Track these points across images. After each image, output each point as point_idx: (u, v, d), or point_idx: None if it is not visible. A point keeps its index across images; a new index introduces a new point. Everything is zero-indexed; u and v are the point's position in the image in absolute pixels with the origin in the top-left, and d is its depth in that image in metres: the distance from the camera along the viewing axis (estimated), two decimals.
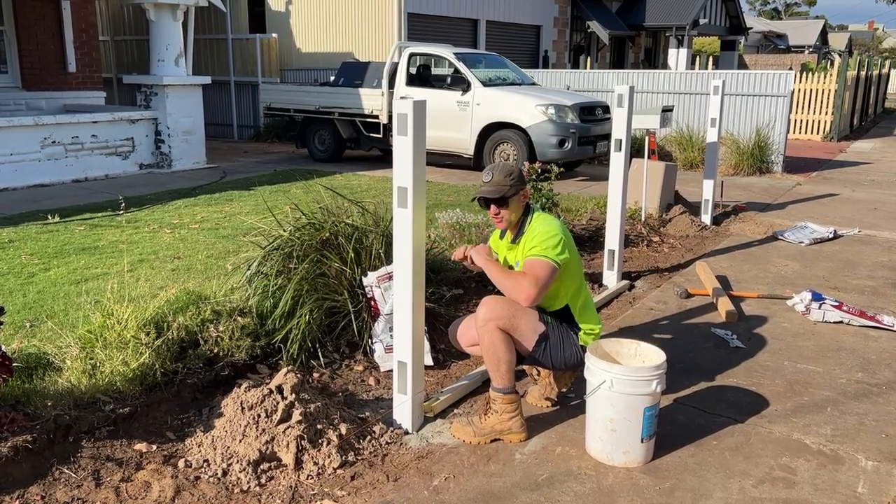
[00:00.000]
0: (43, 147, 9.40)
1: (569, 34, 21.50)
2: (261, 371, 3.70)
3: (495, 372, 3.21)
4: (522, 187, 3.28)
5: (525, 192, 3.30)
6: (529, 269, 3.12)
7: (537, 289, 3.06)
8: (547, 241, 3.13)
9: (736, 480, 2.92)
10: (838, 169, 12.01)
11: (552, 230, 3.18)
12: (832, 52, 41.51)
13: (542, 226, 3.21)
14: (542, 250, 3.12)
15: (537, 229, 3.20)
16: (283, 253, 4.08)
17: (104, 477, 2.84)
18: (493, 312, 3.16)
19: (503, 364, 3.18)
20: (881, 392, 3.74)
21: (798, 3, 72.76)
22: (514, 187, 3.23)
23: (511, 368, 3.21)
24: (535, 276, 3.08)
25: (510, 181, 3.22)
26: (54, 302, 4.58)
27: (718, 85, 7.42)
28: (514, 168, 3.30)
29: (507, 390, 3.20)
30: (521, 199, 3.28)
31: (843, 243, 6.90)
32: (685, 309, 5.00)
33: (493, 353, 3.18)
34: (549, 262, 3.10)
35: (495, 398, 3.21)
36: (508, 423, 3.19)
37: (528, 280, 3.08)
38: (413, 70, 10.96)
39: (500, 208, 3.25)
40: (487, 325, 3.17)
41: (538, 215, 3.32)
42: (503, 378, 3.19)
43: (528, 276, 3.09)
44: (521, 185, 3.28)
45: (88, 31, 11.90)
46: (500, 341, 3.17)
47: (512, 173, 3.25)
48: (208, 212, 7.57)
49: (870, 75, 20.79)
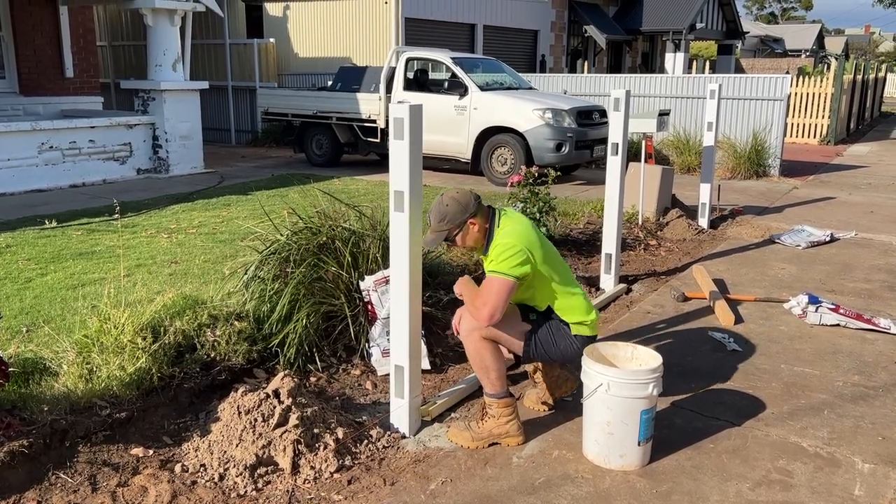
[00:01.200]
0: (40, 152, 9.40)
1: (566, 39, 21.55)
2: (258, 375, 3.70)
3: (485, 379, 3.22)
4: (464, 219, 3.15)
5: (471, 220, 3.16)
6: (485, 288, 3.10)
7: (490, 308, 3.04)
8: (504, 255, 3.07)
9: (733, 483, 2.92)
10: (835, 172, 12.04)
11: (511, 242, 3.09)
12: (829, 55, 41.63)
13: (504, 237, 3.12)
14: (497, 265, 3.08)
15: (499, 241, 3.13)
16: (280, 257, 4.08)
17: (100, 482, 2.83)
18: (473, 323, 3.17)
19: (492, 372, 3.19)
20: (878, 395, 3.74)
21: (795, 8, 73.00)
22: (453, 227, 3.15)
23: (501, 374, 3.21)
24: (486, 296, 3.07)
25: (445, 226, 3.14)
26: (51, 307, 4.58)
27: (715, 89, 7.44)
28: (447, 209, 3.14)
29: (500, 395, 3.20)
30: (470, 227, 3.17)
31: (840, 246, 6.91)
32: (682, 312, 5.00)
33: (479, 362, 3.19)
34: (504, 279, 3.06)
35: (490, 403, 3.22)
36: (505, 426, 3.19)
37: (481, 300, 3.08)
38: (410, 75, 10.98)
39: (452, 244, 3.26)
40: (471, 336, 3.18)
41: (506, 221, 3.21)
42: (494, 384, 3.20)
43: (482, 297, 3.09)
44: (460, 218, 3.14)
45: (86, 36, 11.91)
46: (485, 349, 3.18)
47: (444, 217, 3.14)
48: (206, 216, 7.57)
49: (866, 79, 20.85)
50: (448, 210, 3.15)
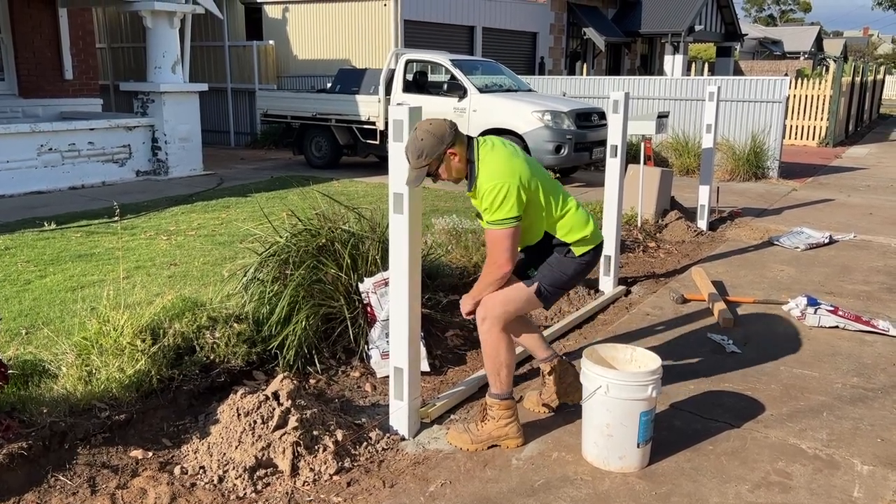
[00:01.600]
0: (40, 154, 9.40)
1: (565, 41, 21.57)
2: (257, 377, 3.70)
3: (495, 377, 3.20)
4: (441, 150, 2.98)
5: (449, 151, 3.00)
6: (489, 243, 3.06)
7: (502, 257, 3.01)
8: (496, 201, 2.96)
9: (732, 485, 2.92)
10: (834, 174, 12.05)
11: (499, 183, 2.96)
12: (827, 58, 41.67)
13: (489, 180, 2.98)
14: (493, 216, 2.98)
15: (485, 185, 2.98)
16: (279, 259, 4.08)
17: (100, 484, 2.83)
18: (488, 310, 3.15)
19: (504, 369, 3.18)
20: (877, 396, 3.74)
21: (793, 10, 73.11)
22: (433, 161, 2.98)
23: (511, 373, 3.21)
24: (493, 249, 3.04)
25: (424, 161, 2.96)
26: (50, 309, 4.58)
27: (714, 91, 7.45)
28: (423, 144, 2.95)
29: (504, 396, 3.20)
30: (450, 158, 3.03)
31: (839, 248, 6.92)
32: (681, 314, 5.01)
33: (494, 356, 3.17)
34: (503, 228, 2.98)
35: (492, 404, 3.20)
36: (505, 429, 3.19)
37: (490, 258, 3.06)
38: (410, 77, 10.99)
39: (437, 179, 3.11)
40: (492, 331, 3.15)
41: (485, 151, 3.05)
42: (502, 383, 3.19)
43: (490, 254, 3.06)
44: (438, 150, 2.97)
45: (85, 38, 11.92)
46: (502, 344, 3.16)
47: (422, 152, 2.95)
48: (205, 218, 7.57)
49: (865, 81, 20.88)
50: (424, 145, 2.96)
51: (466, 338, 4.43)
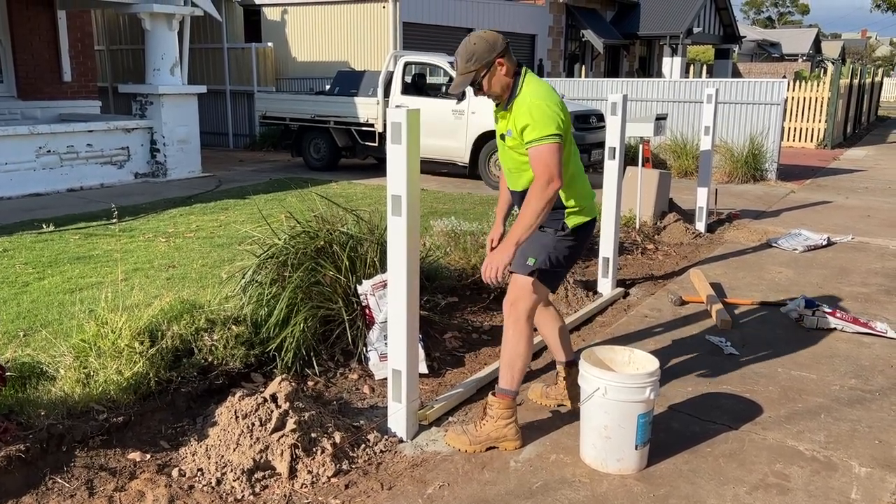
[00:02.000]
0: (38, 156, 9.40)
1: (563, 43, 21.60)
2: (255, 380, 3.70)
3: (508, 369, 3.18)
4: (491, 59, 3.00)
5: (499, 60, 3.01)
6: (538, 162, 2.94)
7: (552, 172, 2.91)
8: (540, 117, 2.94)
9: (730, 487, 2.92)
10: (832, 176, 12.07)
11: (544, 101, 2.97)
12: (825, 60, 41.73)
13: (536, 98, 2.98)
14: (538, 132, 2.93)
15: (528, 101, 2.98)
16: (277, 261, 4.08)
17: (97, 486, 2.83)
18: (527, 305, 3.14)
19: (519, 361, 3.17)
20: (874, 398, 3.75)
21: (791, 12, 73.26)
22: (481, 68, 3.00)
23: (524, 369, 3.21)
24: (541, 167, 2.93)
25: (473, 66, 2.99)
26: (48, 311, 4.57)
27: (712, 93, 7.46)
28: (475, 47, 2.99)
29: (510, 392, 3.18)
30: (498, 69, 3.02)
31: (837, 250, 6.93)
32: (679, 316, 5.01)
33: (514, 349, 3.16)
34: (550, 143, 2.92)
35: (493, 403, 3.18)
36: (504, 430, 3.18)
37: (539, 180, 2.93)
38: (408, 79, 11.00)
39: (478, 90, 3.09)
40: (519, 322, 3.14)
41: (531, 78, 3.08)
42: (513, 379, 3.18)
43: (538, 173, 2.93)
44: (488, 57, 2.99)
45: (84, 40, 11.93)
46: (526, 337, 3.16)
47: (472, 56, 2.98)
48: (203, 220, 7.57)
49: (863, 83, 20.91)
50: (476, 49, 2.98)
51: (465, 340, 4.43)
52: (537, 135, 2.94)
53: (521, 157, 3.11)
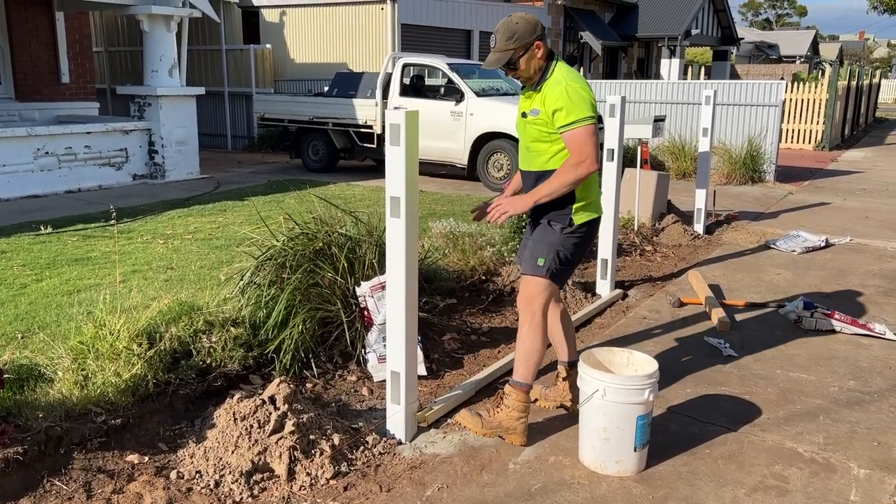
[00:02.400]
0: (36, 158, 9.39)
1: (562, 45, 21.61)
2: (253, 381, 3.69)
3: (523, 363, 3.21)
4: (531, 40, 3.06)
5: (537, 43, 3.07)
6: (574, 143, 3.01)
7: (587, 156, 2.99)
8: (576, 100, 3.00)
9: (729, 489, 2.92)
10: (830, 178, 12.08)
11: (579, 85, 3.04)
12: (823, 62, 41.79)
13: (569, 81, 3.04)
14: (575, 115, 2.99)
15: (564, 84, 3.04)
16: (276, 263, 4.08)
17: (95, 489, 2.82)
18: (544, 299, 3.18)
19: (535, 355, 3.20)
20: (873, 400, 3.75)
21: (789, 14, 73.39)
22: (520, 48, 3.06)
23: (539, 364, 3.24)
24: (579, 150, 2.99)
25: (513, 44, 3.05)
26: (46, 313, 4.57)
27: (710, 95, 7.47)
28: (517, 27, 3.06)
29: (525, 385, 3.21)
30: (535, 51, 3.09)
31: (835, 252, 6.93)
32: (678, 318, 5.01)
33: (530, 341, 3.20)
34: (586, 125, 2.99)
35: (509, 392, 3.21)
36: (515, 423, 3.19)
37: (576, 156, 3.00)
38: (407, 80, 11.00)
39: (511, 70, 3.14)
40: (534, 318, 3.18)
41: (561, 65, 3.14)
42: (528, 371, 3.21)
43: (575, 154, 3.01)
44: (528, 38, 3.06)
45: (82, 42, 11.92)
46: (541, 333, 3.20)
47: (514, 35, 3.05)
48: (202, 222, 7.56)
49: (860, 85, 20.94)
50: (518, 28, 3.04)
51: (464, 341, 4.43)
52: (574, 117, 3.00)
53: (542, 133, 3.14)
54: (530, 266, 3.22)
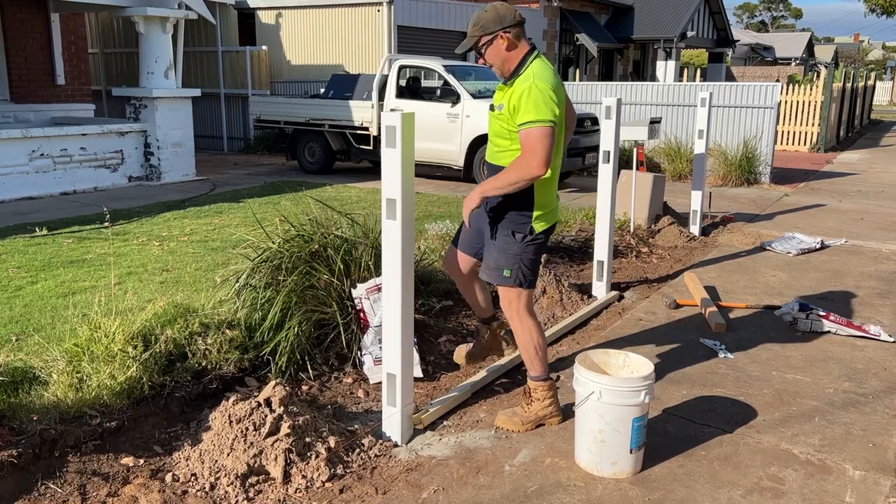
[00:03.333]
0: (31, 160, 9.36)
1: (558, 47, 21.64)
2: (249, 384, 3.69)
3: (533, 360, 3.36)
4: (495, 30, 3.03)
5: (502, 34, 3.05)
6: (527, 141, 2.99)
7: (539, 157, 2.95)
8: (539, 101, 2.96)
9: (725, 491, 2.92)
10: (825, 180, 12.11)
11: (546, 86, 2.99)
12: (818, 63, 41.94)
13: (540, 82, 3.00)
14: (533, 115, 2.96)
15: (530, 82, 3.00)
16: (271, 265, 4.07)
17: (90, 492, 2.82)
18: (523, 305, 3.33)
19: (539, 350, 3.35)
20: (868, 401, 3.76)
21: (785, 16, 73.61)
22: (484, 36, 3.04)
23: (546, 353, 3.40)
24: (531, 148, 2.96)
25: (477, 31, 3.06)
26: (41, 315, 4.55)
27: (706, 97, 7.48)
28: (484, 15, 3.05)
29: (544, 377, 3.37)
30: (499, 42, 3.07)
31: (831, 253, 6.95)
32: (674, 319, 5.02)
33: (530, 341, 3.34)
34: (543, 127, 2.95)
35: (535, 387, 3.37)
36: (549, 408, 3.37)
37: (524, 159, 2.98)
38: (403, 82, 11.00)
39: (481, 57, 3.15)
40: (523, 321, 3.33)
41: (539, 63, 3.11)
42: (541, 364, 3.37)
43: (525, 153, 2.99)
44: (492, 28, 3.03)
45: (77, 43, 11.90)
46: (534, 328, 3.35)
47: (478, 22, 3.04)
48: (197, 224, 7.55)
49: (856, 87, 21.01)
50: (483, 17, 3.05)
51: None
52: (532, 117, 2.98)
53: (503, 129, 3.20)
54: (497, 276, 3.32)
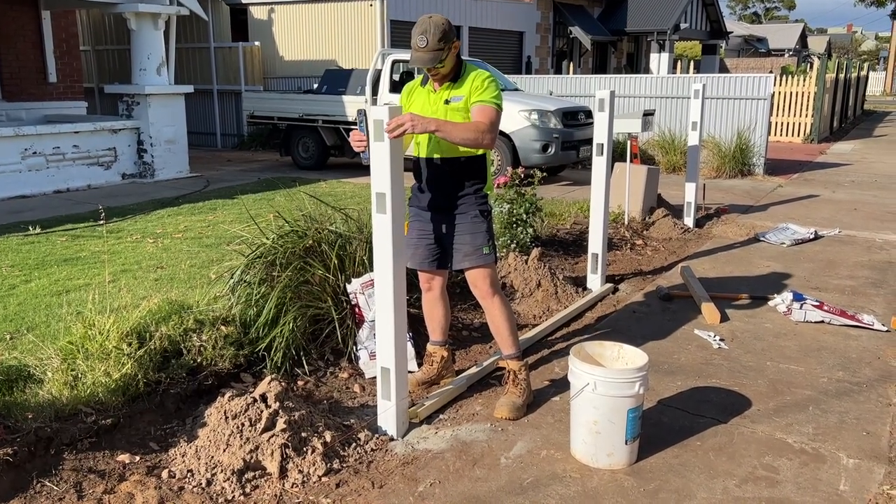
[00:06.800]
0: (24, 158, 9.32)
1: (551, 40, 21.61)
2: (245, 380, 3.69)
3: (510, 336, 3.53)
4: (454, 39, 3.28)
5: (455, 42, 3.29)
6: (482, 115, 3.22)
7: (492, 135, 3.21)
8: (489, 85, 3.27)
9: (720, 480, 2.94)
10: (819, 170, 12.14)
11: (496, 82, 3.33)
12: (812, 55, 41.96)
13: (488, 75, 3.33)
14: (486, 95, 3.25)
15: (485, 76, 3.30)
16: (266, 261, 4.07)
17: (86, 489, 2.81)
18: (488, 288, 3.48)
19: (513, 325, 3.56)
20: (862, 390, 3.77)
21: (778, 7, 73.62)
22: (447, 47, 3.23)
23: (516, 329, 3.61)
24: (489, 121, 3.21)
25: (445, 44, 3.21)
26: (35, 314, 4.54)
27: (699, 89, 7.49)
28: (444, 27, 3.24)
29: (519, 353, 3.57)
30: (454, 49, 3.29)
31: (824, 244, 6.97)
32: (668, 311, 5.03)
33: (500, 317, 3.51)
34: (495, 106, 3.25)
35: (518, 367, 3.53)
36: (530, 387, 3.58)
37: (477, 127, 3.17)
38: (396, 77, 10.97)
39: (433, 70, 3.29)
40: (495, 299, 3.49)
41: (470, 65, 3.42)
42: (516, 342, 3.56)
43: (483, 123, 3.20)
44: (454, 38, 3.28)
45: (69, 41, 11.84)
46: (503, 304, 3.52)
47: (444, 35, 3.21)
48: (191, 221, 7.53)
49: (849, 78, 21.04)
50: (445, 29, 3.22)
51: (455, 337, 4.43)
52: (489, 96, 3.26)
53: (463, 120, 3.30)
54: (479, 258, 3.46)
